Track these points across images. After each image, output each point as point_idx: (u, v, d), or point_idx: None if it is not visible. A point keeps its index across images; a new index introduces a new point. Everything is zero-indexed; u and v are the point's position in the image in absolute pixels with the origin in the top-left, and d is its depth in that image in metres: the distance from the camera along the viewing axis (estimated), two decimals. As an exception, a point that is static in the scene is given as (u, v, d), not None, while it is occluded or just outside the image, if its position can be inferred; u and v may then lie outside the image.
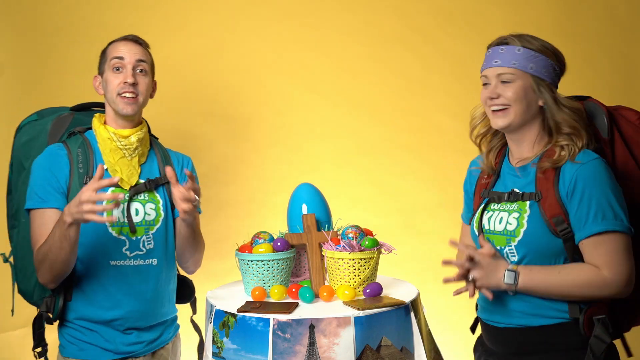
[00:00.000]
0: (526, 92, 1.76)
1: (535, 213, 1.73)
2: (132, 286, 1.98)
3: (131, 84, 1.97)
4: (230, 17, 3.13)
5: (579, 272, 1.68)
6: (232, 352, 1.77)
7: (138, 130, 2.03)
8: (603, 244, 1.66)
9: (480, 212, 1.86)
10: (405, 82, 3.15)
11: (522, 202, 1.76)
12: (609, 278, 1.66)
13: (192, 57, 3.09)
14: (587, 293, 1.68)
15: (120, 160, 1.98)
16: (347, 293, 1.86)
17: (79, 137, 2.01)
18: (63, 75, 2.91)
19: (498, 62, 1.77)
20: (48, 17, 3.01)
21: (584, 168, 1.69)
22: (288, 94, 3.15)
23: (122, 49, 2.00)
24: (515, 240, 1.75)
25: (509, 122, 1.77)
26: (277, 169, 3.12)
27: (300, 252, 2.10)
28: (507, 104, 1.76)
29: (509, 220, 1.77)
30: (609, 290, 1.67)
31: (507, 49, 1.77)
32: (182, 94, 3.06)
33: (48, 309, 1.97)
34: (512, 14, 3.11)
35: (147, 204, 2.01)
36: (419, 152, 3.15)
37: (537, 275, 1.70)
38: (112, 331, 1.97)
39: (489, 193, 1.86)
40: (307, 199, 2.12)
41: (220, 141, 3.12)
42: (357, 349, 1.72)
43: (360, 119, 3.17)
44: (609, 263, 1.66)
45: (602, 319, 1.69)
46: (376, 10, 3.16)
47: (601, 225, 1.66)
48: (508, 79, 1.76)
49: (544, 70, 1.77)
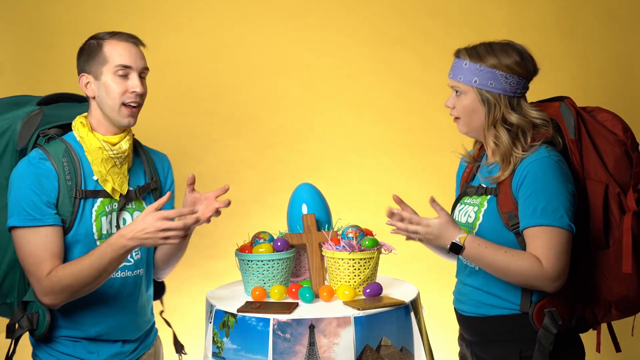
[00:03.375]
0: (471, 106, 1.85)
1: (491, 208, 1.83)
2: (119, 299, 1.88)
3: (140, 94, 1.84)
4: (231, 17, 3.13)
5: (522, 258, 1.73)
6: (232, 352, 1.77)
7: (127, 135, 1.89)
8: (540, 236, 1.72)
9: (454, 204, 1.99)
10: (405, 82, 3.16)
11: (484, 197, 1.87)
12: (546, 269, 1.71)
13: (192, 57, 3.09)
14: (524, 279, 1.74)
15: (112, 169, 1.85)
16: (347, 293, 1.86)
17: (60, 144, 1.83)
18: (63, 75, 2.91)
19: (450, 75, 1.88)
20: (48, 17, 3.01)
21: (534, 164, 1.77)
22: (288, 94, 3.15)
23: (127, 56, 1.83)
24: (472, 232, 1.85)
25: (465, 131, 1.90)
26: (277, 169, 3.12)
27: (300, 252, 2.10)
28: (457, 116, 1.88)
29: (469, 213, 1.89)
30: (541, 281, 1.73)
31: (457, 62, 1.87)
32: (182, 94, 3.06)
33: (31, 326, 1.82)
34: (512, 14, 3.11)
35: (135, 212, 1.92)
36: (418, 152, 3.15)
37: (483, 251, 1.75)
38: (96, 343, 1.88)
39: (467, 186, 1.96)
40: (307, 199, 2.12)
41: (220, 141, 3.12)
42: (357, 349, 1.72)
43: (360, 119, 3.17)
44: (547, 256, 1.71)
45: (551, 312, 1.76)
46: (376, 10, 3.16)
47: (540, 219, 1.72)
48: (459, 90, 1.86)
49: (489, 83, 1.82)
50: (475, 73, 1.82)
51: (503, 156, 1.83)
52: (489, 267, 1.77)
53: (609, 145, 1.83)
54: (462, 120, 1.88)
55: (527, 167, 1.77)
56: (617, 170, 1.83)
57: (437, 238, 1.78)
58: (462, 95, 1.85)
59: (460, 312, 1.95)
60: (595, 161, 1.83)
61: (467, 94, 1.84)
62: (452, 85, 1.88)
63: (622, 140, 1.84)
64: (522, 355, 1.79)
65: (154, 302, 2.10)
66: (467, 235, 1.76)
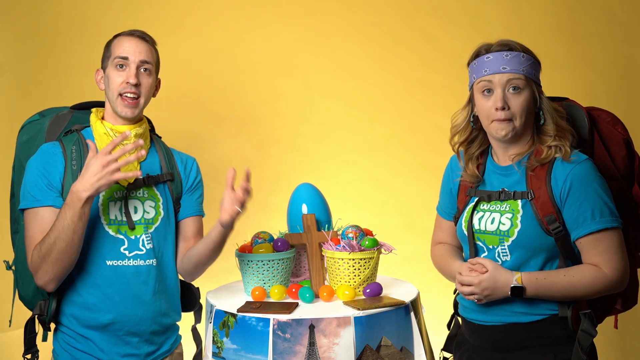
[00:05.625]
0: (531, 102, 1.76)
1: (528, 212, 1.75)
2: (131, 288, 1.90)
3: (134, 84, 1.90)
4: (231, 17, 3.14)
5: (583, 273, 1.71)
6: (232, 352, 1.77)
7: (137, 126, 1.95)
8: (601, 241, 1.70)
9: (469, 212, 1.85)
10: (405, 82, 3.16)
11: (514, 202, 1.77)
12: (610, 275, 1.70)
13: (193, 57, 3.09)
14: (592, 291, 1.72)
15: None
16: (347, 293, 1.86)
17: (75, 135, 1.95)
18: (63, 75, 2.91)
19: (507, 68, 1.73)
20: (48, 17, 3.01)
21: (577, 169, 1.72)
22: (288, 94, 3.15)
23: (127, 47, 1.92)
24: (508, 240, 1.76)
25: (513, 132, 1.76)
26: (277, 169, 3.12)
27: (300, 252, 2.10)
28: (510, 117, 1.74)
29: (501, 220, 1.78)
30: (610, 287, 1.72)
31: (513, 54, 1.74)
32: (182, 94, 3.06)
33: (42, 312, 1.89)
34: (512, 14, 3.11)
35: (147, 201, 1.95)
36: (419, 152, 3.15)
37: (543, 283, 1.72)
38: (109, 339, 1.90)
39: (476, 192, 1.86)
40: (307, 199, 2.12)
41: (221, 141, 3.12)
42: (357, 349, 1.72)
43: (360, 119, 3.17)
44: (608, 260, 1.70)
45: (588, 314, 1.73)
46: (376, 10, 3.16)
47: (599, 224, 1.69)
48: (518, 85, 1.73)
49: (539, 76, 1.80)
50: (532, 66, 1.75)
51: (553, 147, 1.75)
52: (555, 297, 1.73)
53: (616, 144, 1.83)
54: (516, 121, 1.74)
55: (572, 172, 1.71)
56: (623, 167, 1.83)
57: (494, 290, 1.74)
58: (522, 91, 1.74)
59: (476, 322, 1.86)
60: (605, 160, 1.82)
61: (527, 89, 1.74)
62: (510, 78, 1.73)
63: (625, 138, 1.84)
64: (557, 358, 1.74)
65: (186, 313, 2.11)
66: (521, 275, 1.72)
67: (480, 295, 1.75)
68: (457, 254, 1.94)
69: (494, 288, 1.73)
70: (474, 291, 1.75)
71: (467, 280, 1.75)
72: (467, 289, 1.76)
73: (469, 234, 1.83)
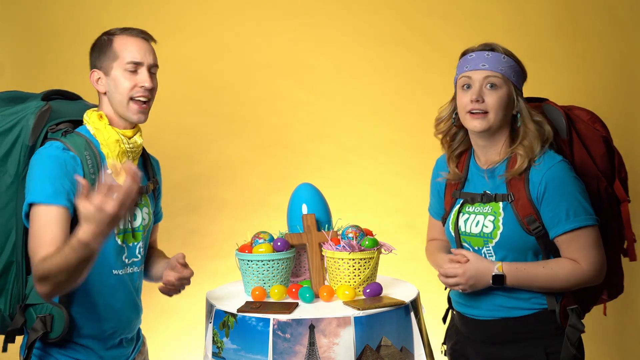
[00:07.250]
0: (507, 100, 1.84)
1: (509, 214, 1.83)
2: (129, 295, 1.89)
3: (149, 89, 1.84)
4: (231, 17, 3.13)
5: (561, 266, 1.80)
6: (232, 352, 1.77)
7: (139, 131, 1.91)
8: (577, 239, 1.79)
9: (456, 214, 1.94)
10: (405, 82, 3.15)
11: (495, 204, 1.86)
12: (586, 269, 1.79)
13: (192, 57, 3.09)
14: (569, 284, 1.81)
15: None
16: (347, 293, 1.86)
17: (79, 137, 1.80)
18: (63, 75, 2.91)
19: (486, 66, 1.83)
20: (48, 17, 3.01)
21: (551, 171, 1.79)
22: (288, 94, 3.15)
23: (136, 51, 1.83)
24: (492, 242, 1.85)
25: (488, 126, 1.83)
26: (277, 169, 3.12)
27: (300, 252, 2.10)
28: (486, 110, 1.82)
29: (485, 223, 1.86)
30: (587, 280, 1.81)
31: (493, 54, 1.84)
32: (182, 94, 3.06)
33: (46, 329, 1.75)
34: (512, 14, 3.11)
35: (143, 208, 1.93)
36: (419, 152, 3.14)
37: (523, 273, 1.81)
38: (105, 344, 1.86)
39: (460, 194, 1.94)
40: (307, 199, 2.12)
41: (220, 141, 3.12)
42: (357, 349, 1.72)
43: (360, 119, 3.17)
44: (586, 256, 1.79)
45: (575, 309, 1.82)
46: (376, 10, 3.16)
47: (574, 223, 1.78)
48: (495, 82, 1.82)
49: (520, 80, 1.87)
50: (512, 68, 1.83)
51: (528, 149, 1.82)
52: (533, 286, 1.82)
53: (595, 142, 1.89)
54: (490, 115, 1.82)
55: (546, 174, 1.79)
56: (603, 164, 1.90)
57: (477, 279, 1.82)
58: (498, 89, 1.82)
59: (470, 316, 1.94)
60: (585, 158, 1.88)
61: (504, 87, 1.83)
62: (488, 75, 1.82)
63: (604, 136, 1.91)
64: (547, 351, 1.83)
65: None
66: (502, 264, 1.80)
67: (465, 285, 1.83)
68: (446, 249, 2.03)
69: (477, 277, 1.81)
70: (459, 282, 1.83)
71: (452, 271, 1.83)
72: (452, 280, 1.84)
73: (455, 236, 1.92)
